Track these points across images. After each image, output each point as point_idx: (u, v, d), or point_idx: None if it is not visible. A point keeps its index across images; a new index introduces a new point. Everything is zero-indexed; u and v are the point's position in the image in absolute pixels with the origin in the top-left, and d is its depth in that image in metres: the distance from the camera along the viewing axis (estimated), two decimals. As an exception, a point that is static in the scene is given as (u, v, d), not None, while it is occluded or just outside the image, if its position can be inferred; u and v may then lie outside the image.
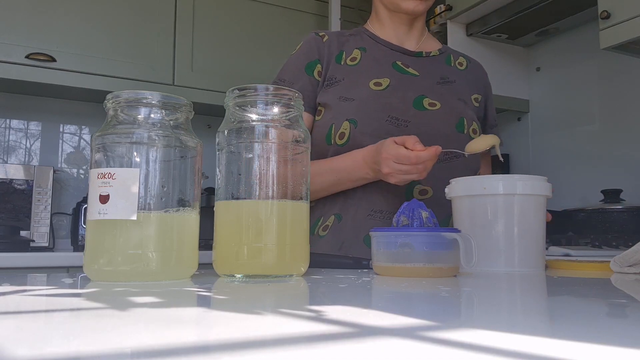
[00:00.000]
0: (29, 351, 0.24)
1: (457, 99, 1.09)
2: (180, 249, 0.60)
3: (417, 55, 1.13)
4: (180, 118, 0.62)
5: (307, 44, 1.11)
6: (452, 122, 1.04)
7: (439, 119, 1.03)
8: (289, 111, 0.64)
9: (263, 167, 0.62)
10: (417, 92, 1.05)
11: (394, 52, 1.12)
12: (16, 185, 1.99)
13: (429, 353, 0.25)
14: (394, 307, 0.41)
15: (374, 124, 0.99)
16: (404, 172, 0.85)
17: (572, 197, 1.94)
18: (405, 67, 1.10)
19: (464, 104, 1.09)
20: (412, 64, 1.11)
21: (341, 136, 1.00)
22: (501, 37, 2.13)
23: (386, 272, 0.67)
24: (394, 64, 1.09)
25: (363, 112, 1.00)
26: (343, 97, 1.03)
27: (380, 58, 1.10)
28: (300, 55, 1.09)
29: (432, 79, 1.10)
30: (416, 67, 1.10)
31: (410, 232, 0.67)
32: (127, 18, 2.11)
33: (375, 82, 1.05)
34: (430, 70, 1.11)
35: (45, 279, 0.64)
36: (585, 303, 0.45)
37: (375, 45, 1.12)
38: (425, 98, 1.04)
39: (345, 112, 1.00)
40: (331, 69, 1.07)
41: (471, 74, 1.17)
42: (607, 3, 1.51)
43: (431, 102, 1.04)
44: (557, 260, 0.89)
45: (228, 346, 0.26)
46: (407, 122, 1.01)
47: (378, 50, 1.11)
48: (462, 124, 1.05)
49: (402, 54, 1.12)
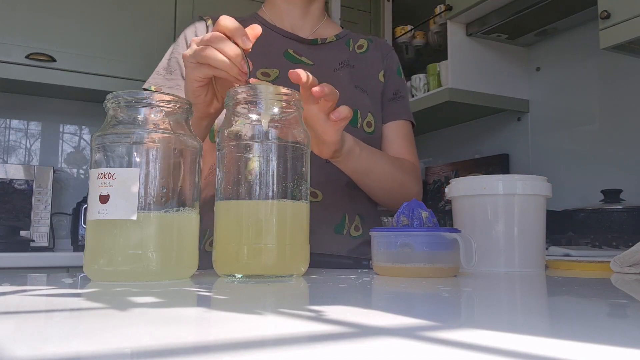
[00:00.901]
0: (29, 351, 0.24)
1: (354, 86, 1.03)
2: (180, 249, 0.60)
3: (313, 43, 1.04)
4: (181, 118, 0.62)
5: (187, 30, 1.00)
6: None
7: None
8: (289, 111, 0.64)
9: (263, 167, 0.62)
10: None
11: (287, 40, 1.03)
12: (16, 185, 1.99)
13: (429, 353, 0.25)
14: (394, 307, 0.41)
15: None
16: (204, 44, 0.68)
17: (572, 197, 1.94)
18: (298, 55, 1.02)
19: (360, 92, 1.03)
20: (306, 52, 1.03)
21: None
22: (501, 37, 2.13)
23: (386, 272, 0.67)
24: (285, 53, 1.01)
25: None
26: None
27: (270, 46, 1.01)
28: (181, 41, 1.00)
29: (328, 67, 1.02)
30: (310, 56, 1.02)
31: (410, 232, 0.67)
32: (127, 18, 2.11)
33: (263, 72, 0.97)
34: (326, 58, 1.03)
35: (45, 279, 0.64)
36: (585, 303, 0.45)
37: (267, 31, 1.02)
38: None
39: None
40: None
41: (373, 53, 1.10)
42: (607, 3, 1.51)
43: None
44: (557, 260, 0.89)
45: (228, 346, 0.26)
46: None
47: (269, 38, 1.01)
48: (355, 117, 0.98)
49: (295, 41, 1.03)
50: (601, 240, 1.53)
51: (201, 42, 0.69)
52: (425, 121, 2.47)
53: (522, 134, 2.23)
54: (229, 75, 0.69)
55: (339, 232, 0.97)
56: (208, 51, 0.68)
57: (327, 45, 1.06)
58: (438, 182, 2.54)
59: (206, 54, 0.68)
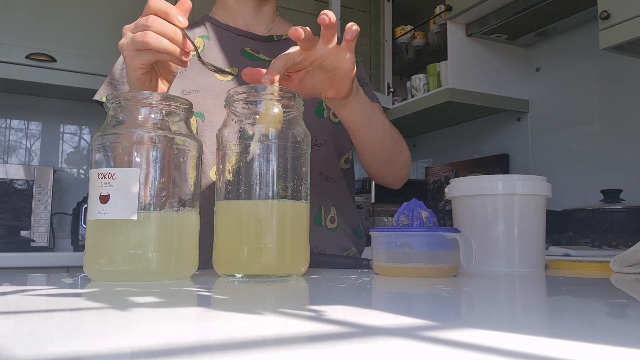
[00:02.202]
0: (29, 351, 0.24)
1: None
2: (180, 249, 0.60)
3: (268, 39, 1.03)
4: (181, 118, 0.62)
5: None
6: (310, 107, 0.95)
7: None
8: (289, 111, 0.64)
9: (263, 167, 0.62)
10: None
11: (242, 38, 1.01)
12: (16, 185, 1.99)
13: (429, 353, 0.25)
14: (394, 307, 0.41)
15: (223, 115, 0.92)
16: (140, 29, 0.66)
17: (572, 197, 1.94)
18: (255, 53, 1.00)
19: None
20: (262, 49, 1.01)
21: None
22: (501, 38, 2.13)
23: (386, 272, 0.67)
24: (242, 51, 1.00)
25: (211, 104, 0.92)
26: (186, 90, 0.93)
27: (226, 45, 1.00)
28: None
29: None
30: (267, 53, 1.00)
31: (410, 232, 0.67)
32: (127, 18, 2.10)
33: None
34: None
35: (46, 279, 0.64)
36: (585, 303, 0.45)
37: (220, 32, 1.01)
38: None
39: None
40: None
41: None
42: (606, 3, 1.51)
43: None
44: (557, 260, 0.89)
45: (228, 346, 0.26)
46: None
47: (223, 37, 1.00)
48: (320, 107, 0.98)
49: (250, 39, 1.02)
50: (601, 240, 1.53)
51: (136, 28, 0.66)
52: (425, 121, 2.48)
53: (522, 134, 2.23)
54: (172, 57, 0.67)
55: (317, 224, 0.97)
56: (148, 37, 0.65)
57: (282, 42, 1.04)
58: (438, 182, 2.54)
59: (146, 40, 0.65)
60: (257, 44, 1.02)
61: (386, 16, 2.48)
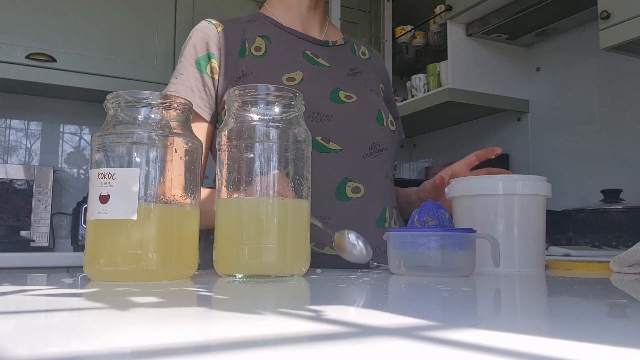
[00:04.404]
0: (29, 351, 0.24)
1: (370, 90, 1.04)
2: (181, 249, 0.60)
3: (325, 44, 1.05)
4: (181, 118, 0.62)
5: (196, 34, 0.97)
6: (372, 114, 0.99)
7: (359, 111, 0.98)
8: (290, 111, 0.64)
9: (264, 167, 0.62)
10: (331, 85, 0.98)
11: (302, 41, 1.03)
12: (16, 185, 1.99)
13: (429, 353, 0.25)
14: (394, 307, 0.41)
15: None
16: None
17: (572, 197, 1.94)
18: (315, 57, 1.01)
19: (376, 96, 1.05)
20: (321, 53, 1.03)
21: None
22: (501, 37, 2.13)
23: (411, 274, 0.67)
24: (304, 54, 1.01)
25: None
26: None
27: (289, 48, 1.00)
28: (190, 49, 0.96)
29: (342, 70, 1.03)
30: (325, 58, 1.02)
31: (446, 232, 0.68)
32: (127, 18, 2.11)
33: (289, 78, 0.95)
34: (339, 60, 1.04)
35: (46, 279, 0.64)
36: (585, 303, 0.45)
37: (280, 33, 1.02)
38: (341, 91, 0.98)
39: None
40: (232, 64, 0.95)
41: (373, 63, 1.12)
42: (607, 3, 1.51)
43: (347, 94, 0.98)
44: (557, 260, 0.89)
45: (229, 345, 0.26)
46: (329, 117, 0.94)
47: (284, 39, 1.01)
48: (381, 116, 1.00)
49: (309, 42, 1.03)
50: (601, 240, 1.53)
51: None
52: (425, 121, 2.47)
53: (522, 134, 2.23)
54: None
55: (380, 225, 0.97)
56: None
57: (337, 48, 1.07)
58: (438, 182, 2.53)
59: None
60: (316, 48, 1.03)
61: (386, 16, 2.48)
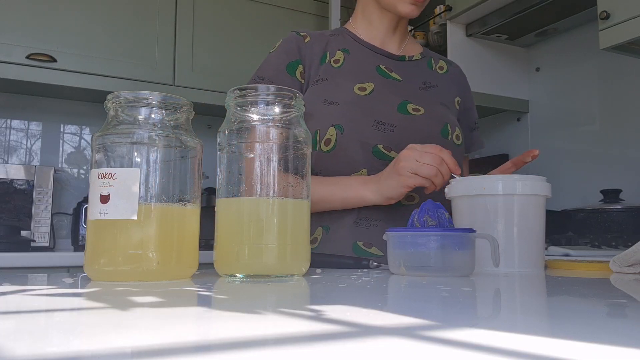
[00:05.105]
0: (29, 351, 0.25)
1: (440, 103, 1.08)
2: (181, 249, 0.60)
3: (401, 59, 1.11)
4: (181, 118, 0.62)
5: (288, 43, 1.07)
6: (437, 127, 1.03)
7: (424, 124, 1.02)
8: (290, 111, 0.64)
9: (264, 167, 0.62)
10: (400, 97, 1.04)
11: (378, 55, 1.10)
12: (17, 185, 1.99)
13: (429, 353, 0.25)
14: (394, 307, 0.41)
15: (360, 129, 0.98)
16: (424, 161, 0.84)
17: (572, 197, 1.94)
18: (389, 71, 1.08)
19: (446, 109, 1.09)
20: (395, 68, 1.09)
21: (327, 142, 0.97)
22: (501, 38, 2.13)
23: (407, 273, 0.67)
24: (377, 68, 1.08)
25: (349, 118, 0.99)
26: (327, 101, 1.00)
27: (364, 61, 1.08)
28: (281, 53, 1.05)
29: (415, 83, 1.09)
30: (399, 72, 1.09)
31: (446, 232, 0.68)
32: (127, 18, 2.11)
33: (360, 87, 1.03)
34: (412, 74, 1.10)
35: (46, 278, 0.64)
36: (585, 303, 0.45)
37: (359, 47, 1.10)
38: (409, 103, 1.04)
39: (330, 118, 0.98)
40: (314, 70, 1.05)
41: (451, 77, 1.17)
42: (606, 3, 1.51)
43: (415, 107, 1.04)
44: (556, 260, 0.89)
45: (229, 345, 0.26)
46: (394, 127, 1.00)
47: (361, 53, 1.09)
48: (446, 129, 1.04)
49: (385, 57, 1.10)
50: (600, 240, 1.53)
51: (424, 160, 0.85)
52: (425, 121, 2.47)
53: (522, 134, 2.23)
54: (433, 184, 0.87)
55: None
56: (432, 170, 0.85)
57: (412, 63, 1.12)
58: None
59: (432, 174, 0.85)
60: (391, 62, 1.10)
61: (386, 16, 2.47)
